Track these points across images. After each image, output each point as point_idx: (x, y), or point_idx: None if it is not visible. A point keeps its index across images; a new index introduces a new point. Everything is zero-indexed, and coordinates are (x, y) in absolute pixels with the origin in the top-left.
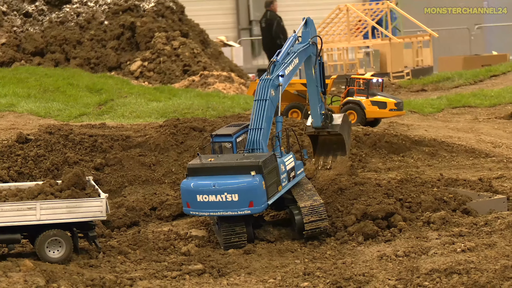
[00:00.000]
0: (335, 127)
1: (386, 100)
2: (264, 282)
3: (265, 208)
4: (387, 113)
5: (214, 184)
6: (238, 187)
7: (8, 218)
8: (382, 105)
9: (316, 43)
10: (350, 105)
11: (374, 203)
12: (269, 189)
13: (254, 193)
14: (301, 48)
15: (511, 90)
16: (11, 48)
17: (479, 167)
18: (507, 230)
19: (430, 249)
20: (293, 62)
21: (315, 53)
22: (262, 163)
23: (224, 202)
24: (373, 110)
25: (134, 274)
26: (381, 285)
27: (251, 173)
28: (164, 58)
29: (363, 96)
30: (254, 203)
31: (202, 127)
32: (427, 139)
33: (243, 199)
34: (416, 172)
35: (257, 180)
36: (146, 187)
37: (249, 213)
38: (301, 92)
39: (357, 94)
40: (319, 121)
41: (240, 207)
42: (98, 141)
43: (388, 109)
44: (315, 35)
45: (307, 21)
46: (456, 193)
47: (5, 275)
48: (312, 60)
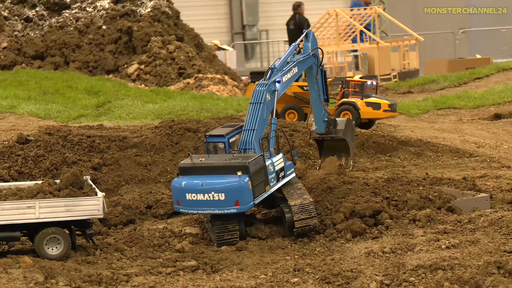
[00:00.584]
0: (338, 132)
1: (380, 102)
2: (256, 278)
3: (251, 207)
4: (380, 114)
5: (202, 183)
6: (224, 186)
7: (8, 216)
8: (376, 106)
9: (317, 54)
10: (345, 106)
11: (362, 201)
12: (255, 189)
13: (240, 192)
14: (301, 59)
15: (494, 92)
16: (12, 51)
17: (463, 166)
18: (490, 227)
19: (415, 246)
20: (292, 71)
21: (316, 64)
22: (249, 164)
23: (211, 201)
24: (368, 111)
25: (130, 270)
26: (368, 281)
27: (238, 173)
28: (160, 61)
29: (358, 98)
30: (240, 202)
31: (196, 128)
32: (413, 140)
33: (229, 198)
34: (402, 171)
35: (243, 180)
36: (142, 186)
37: (235, 212)
38: (297, 94)
39: (352, 96)
40: (322, 128)
41: (226, 206)
42: (96, 141)
43: (382, 110)
44: (316, 47)
45: (307, 34)
46: (441, 191)
47: (5, 271)
48: (313, 70)
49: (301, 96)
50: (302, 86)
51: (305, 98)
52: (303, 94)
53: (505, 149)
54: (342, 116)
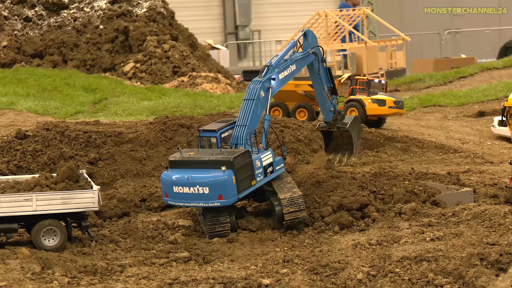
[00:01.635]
0: (344, 124)
1: (386, 98)
2: (246, 268)
3: (235, 201)
4: (386, 110)
5: (188, 176)
6: (208, 180)
7: (6, 208)
8: (381, 102)
9: (317, 53)
10: (352, 103)
11: (349, 195)
12: (240, 183)
13: (223, 186)
14: (300, 57)
15: (478, 90)
16: (12, 50)
17: (448, 162)
18: (473, 220)
19: (401, 238)
20: (290, 68)
21: (318, 60)
22: (234, 159)
23: (196, 194)
24: (373, 107)
25: (124, 261)
26: (355, 272)
27: (222, 168)
28: (155, 60)
29: (365, 95)
30: (224, 196)
31: (190, 124)
32: (399, 136)
33: (213, 192)
34: (389, 166)
35: (226, 175)
36: (137, 180)
37: (218, 205)
38: (308, 93)
39: (359, 93)
40: (329, 116)
41: (210, 199)
42: (92, 137)
43: (387, 107)
44: (316, 45)
45: (306, 33)
46: (426, 186)
47: (3, 262)
48: (315, 67)
49: (311, 94)
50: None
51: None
52: (314, 92)
53: (488, 146)
54: (349, 113)
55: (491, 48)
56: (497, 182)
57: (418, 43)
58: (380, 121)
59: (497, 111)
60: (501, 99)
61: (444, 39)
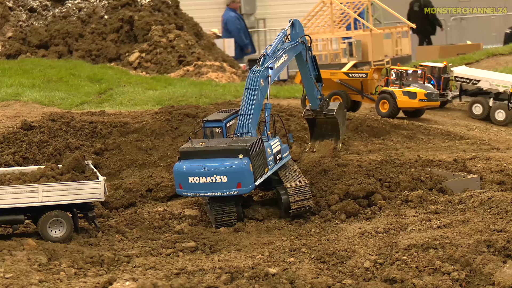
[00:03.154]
0: (330, 111)
1: (416, 91)
2: (253, 258)
3: (252, 189)
4: (416, 103)
5: (205, 166)
6: (226, 169)
7: (12, 200)
8: (412, 95)
9: (305, 42)
10: (383, 94)
11: (355, 183)
12: (256, 171)
13: (242, 174)
14: (290, 46)
15: None
16: (17, 41)
17: (454, 148)
18: (480, 207)
19: (408, 226)
20: (283, 58)
21: (305, 49)
22: (250, 147)
23: (213, 183)
24: (404, 100)
25: (131, 251)
26: (362, 260)
27: (239, 156)
28: (161, 49)
29: (397, 86)
30: (242, 184)
31: (195, 114)
32: (405, 123)
33: (231, 181)
34: (395, 154)
35: (244, 162)
36: (143, 170)
37: (237, 193)
38: (343, 81)
39: (392, 84)
40: (316, 104)
41: (228, 188)
42: (98, 127)
43: (418, 99)
44: (303, 35)
45: (294, 23)
46: (432, 173)
47: (9, 253)
48: (302, 56)
49: (347, 83)
50: (348, 73)
51: (351, 85)
52: (349, 81)
53: (494, 132)
54: (381, 105)
55: (497, 34)
56: (503, 169)
57: None
58: (418, 112)
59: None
60: None
61: (450, 25)
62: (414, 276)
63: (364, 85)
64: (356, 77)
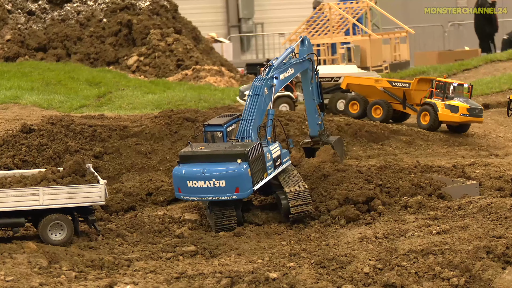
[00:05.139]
0: (329, 141)
1: (459, 105)
2: (253, 262)
3: (250, 193)
4: (457, 117)
5: (203, 170)
6: (225, 173)
7: (13, 203)
8: (454, 109)
9: (312, 59)
10: (425, 106)
11: (355, 188)
12: (254, 175)
13: (240, 179)
14: (297, 61)
15: (482, 83)
16: (16, 44)
17: (453, 154)
18: (479, 213)
19: (407, 231)
20: (289, 71)
21: (311, 69)
22: (248, 152)
23: (212, 187)
24: (446, 113)
25: (131, 255)
26: (362, 265)
27: (238, 161)
28: (159, 53)
29: (439, 99)
30: (240, 189)
31: (195, 118)
32: (404, 129)
33: (229, 185)
34: (394, 159)
35: (243, 167)
36: (142, 174)
37: (235, 198)
38: (387, 89)
39: (435, 97)
40: (316, 130)
41: (227, 193)
42: (97, 131)
43: (459, 114)
44: (311, 52)
45: (303, 40)
46: (431, 179)
47: (10, 256)
48: (308, 75)
49: (390, 91)
50: (392, 82)
51: (395, 93)
52: (392, 89)
53: (493, 138)
54: (422, 117)
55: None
56: (502, 175)
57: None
58: (461, 127)
59: (501, 104)
60: (505, 91)
61: (447, 31)
62: (414, 282)
63: (406, 95)
64: (399, 87)
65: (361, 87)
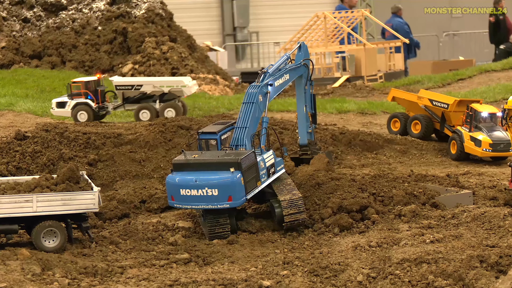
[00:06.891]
0: (319, 151)
1: (482, 139)
2: (246, 270)
3: (243, 202)
4: (479, 152)
5: (196, 179)
6: (218, 182)
7: (7, 210)
8: (477, 142)
9: (307, 65)
10: (454, 134)
11: (349, 197)
12: (247, 184)
13: (233, 188)
14: (293, 67)
15: (477, 92)
16: (11, 51)
17: (447, 164)
18: (473, 222)
19: (401, 240)
20: (284, 77)
21: (306, 75)
22: (241, 160)
23: (205, 196)
24: (470, 145)
25: (124, 262)
26: (355, 274)
27: (231, 170)
28: (154, 61)
29: (467, 128)
30: (233, 198)
31: (189, 126)
32: (398, 138)
33: (222, 194)
34: (388, 168)
35: (236, 176)
36: (136, 181)
37: (228, 207)
38: (428, 108)
39: (465, 125)
40: (305, 139)
41: (220, 201)
42: (91, 138)
43: (482, 149)
44: (307, 58)
45: (301, 46)
46: (425, 188)
47: (3, 263)
48: (303, 81)
49: (431, 110)
50: (432, 100)
51: (435, 113)
52: (432, 108)
53: None
54: (451, 145)
55: (489, 50)
56: (496, 184)
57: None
58: (497, 157)
59: None
60: (499, 101)
61: (442, 41)
62: None
63: (445, 116)
64: (439, 106)
65: (404, 102)
